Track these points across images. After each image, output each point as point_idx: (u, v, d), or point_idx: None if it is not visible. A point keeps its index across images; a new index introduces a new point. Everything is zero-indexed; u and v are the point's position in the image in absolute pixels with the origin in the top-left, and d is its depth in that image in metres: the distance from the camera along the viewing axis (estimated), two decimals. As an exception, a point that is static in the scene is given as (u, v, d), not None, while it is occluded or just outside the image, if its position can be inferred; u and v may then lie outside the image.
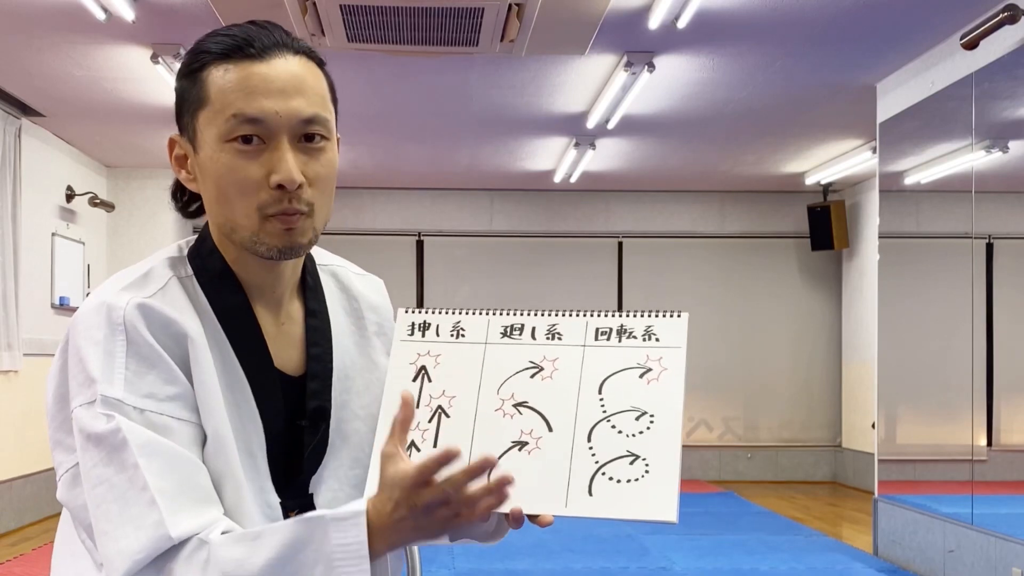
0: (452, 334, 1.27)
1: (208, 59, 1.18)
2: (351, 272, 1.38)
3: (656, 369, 1.20)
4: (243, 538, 1.08)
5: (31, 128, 6.59)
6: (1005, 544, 4.44)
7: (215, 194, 1.18)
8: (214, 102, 1.16)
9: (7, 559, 5.39)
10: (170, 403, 1.14)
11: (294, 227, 1.17)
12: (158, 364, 1.15)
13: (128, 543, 1.09)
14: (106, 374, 1.13)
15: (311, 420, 1.23)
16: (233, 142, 1.15)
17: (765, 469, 9.14)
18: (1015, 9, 4.21)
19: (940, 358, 5.37)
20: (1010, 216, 4.96)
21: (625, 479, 1.15)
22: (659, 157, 7.61)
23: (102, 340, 1.15)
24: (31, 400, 6.49)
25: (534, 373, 1.23)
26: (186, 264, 1.24)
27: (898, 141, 5.60)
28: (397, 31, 4.48)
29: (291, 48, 1.19)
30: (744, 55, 5.18)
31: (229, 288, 1.22)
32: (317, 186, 1.18)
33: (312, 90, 1.18)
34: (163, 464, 1.11)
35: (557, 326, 1.26)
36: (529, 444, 1.19)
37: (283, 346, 1.25)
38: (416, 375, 1.24)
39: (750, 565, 5.34)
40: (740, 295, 9.13)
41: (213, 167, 1.17)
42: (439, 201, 8.99)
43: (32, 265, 6.65)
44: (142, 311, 1.16)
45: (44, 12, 4.58)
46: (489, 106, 6.18)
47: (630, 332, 1.23)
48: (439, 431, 1.21)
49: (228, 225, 1.19)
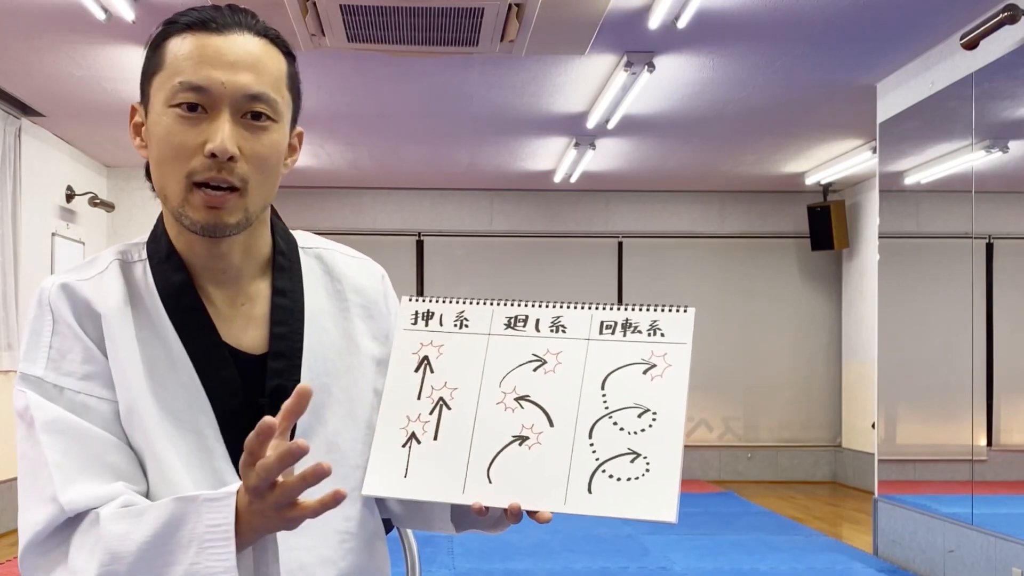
0: (456, 324, 1.25)
1: (172, 30, 1.19)
2: (339, 254, 1.35)
3: (660, 365, 1.18)
4: (128, 514, 1.09)
5: (31, 128, 6.59)
6: (1005, 544, 4.44)
7: (156, 158, 1.18)
8: (167, 68, 1.17)
9: (7, 559, 5.39)
10: (88, 381, 1.16)
11: (220, 206, 1.16)
12: (77, 343, 1.17)
13: (30, 515, 1.12)
14: (30, 353, 1.18)
15: (271, 399, 1.19)
16: (177, 107, 1.15)
17: (765, 469, 9.14)
18: (1015, 9, 4.21)
19: (940, 358, 5.37)
20: (1010, 216, 4.96)
21: (625, 477, 1.13)
22: (659, 157, 7.61)
23: (31, 320, 1.20)
24: (31, 400, 6.49)
25: (537, 366, 1.21)
26: (141, 249, 1.26)
27: (898, 141, 5.60)
28: (397, 31, 4.48)
29: (253, 30, 1.20)
30: (744, 55, 5.18)
31: (173, 268, 1.22)
32: (254, 164, 1.17)
33: (265, 70, 1.18)
34: (67, 441, 1.13)
35: (561, 318, 1.24)
36: (530, 439, 1.17)
37: (241, 326, 1.23)
38: (418, 365, 1.23)
39: (750, 565, 5.34)
40: (740, 295, 9.13)
41: (156, 130, 1.17)
42: (439, 201, 8.99)
43: (32, 265, 6.65)
44: (64, 291, 1.19)
45: (44, 12, 4.58)
46: (489, 106, 6.18)
47: (635, 326, 1.21)
48: (440, 423, 1.20)
49: (162, 192, 1.19)
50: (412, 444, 1.19)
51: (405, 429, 1.21)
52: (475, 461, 1.18)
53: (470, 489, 1.16)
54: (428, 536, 5.56)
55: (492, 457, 1.18)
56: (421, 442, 1.19)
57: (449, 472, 1.18)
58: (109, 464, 1.14)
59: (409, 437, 1.20)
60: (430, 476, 1.18)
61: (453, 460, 1.18)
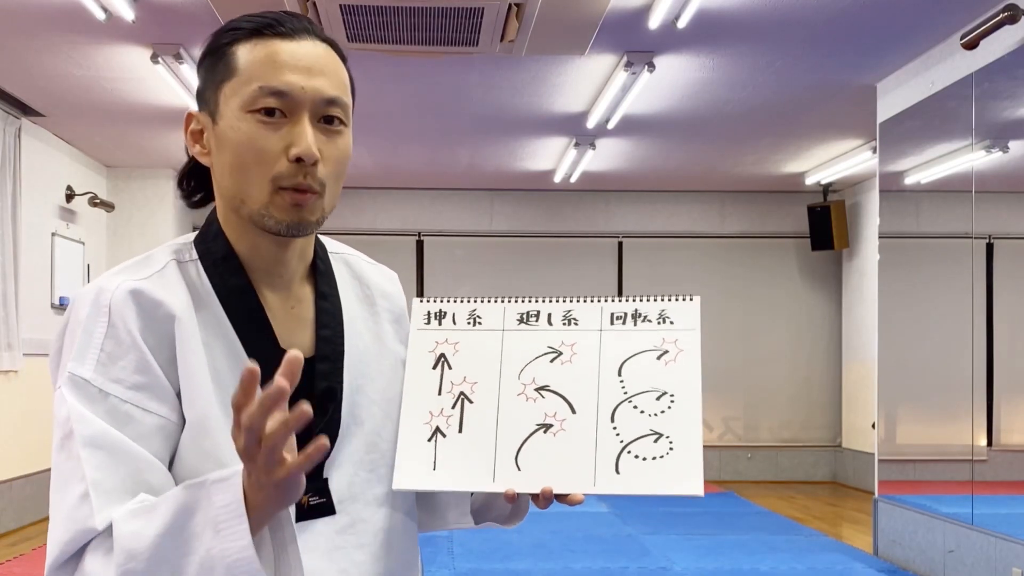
0: (469, 322, 1.29)
1: (238, 35, 1.20)
2: (363, 261, 1.39)
3: (673, 351, 1.24)
4: (140, 511, 1.08)
5: (31, 128, 6.59)
6: (1005, 544, 4.44)
7: (231, 164, 1.18)
8: (241, 73, 1.17)
9: (7, 559, 5.39)
10: (137, 392, 1.14)
11: (304, 204, 1.17)
12: (132, 351, 1.15)
13: (59, 533, 1.09)
14: (80, 353, 1.15)
15: (320, 401, 1.21)
16: (256, 113, 1.16)
17: (765, 469, 9.14)
18: (1015, 9, 4.21)
19: (940, 358, 5.37)
20: (1010, 216, 4.96)
21: (651, 456, 1.18)
22: (659, 157, 7.61)
23: (84, 320, 1.16)
24: (31, 400, 6.49)
25: (553, 358, 1.25)
26: (191, 249, 1.25)
27: (898, 141, 5.60)
28: (397, 31, 4.48)
29: (317, 36, 1.22)
30: (744, 55, 5.18)
31: (231, 270, 1.22)
32: (331, 167, 1.19)
33: (335, 74, 1.20)
34: (105, 458, 1.11)
35: (572, 312, 1.28)
36: (554, 426, 1.21)
37: (292, 328, 1.25)
38: (436, 363, 1.27)
39: (750, 565, 5.34)
40: (740, 295, 9.13)
41: (233, 136, 1.17)
42: (439, 201, 9.00)
43: (32, 265, 6.65)
44: (131, 295, 1.17)
45: (44, 12, 4.58)
46: (489, 106, 6.18)
47: (645, 316, 1.26)
48: (463, 416, 1.24)
49: (239, 198, 1.19)
50: (438, 438, 1.23)
51: (429, 424, 1.24)
52: (502, 450, 1.21)
53: (500, 477, 1.20)
54: (428, 536, 5.56)
55: (519, 445, 1.21)
56: (447, 435, 1.23)
57: (478, 462, 1.21)
58: (145, 483, 1.13)
59: (434, 431, 1.23)
60: (459, 467, 1.21)
61: (480, 450, 1.21)
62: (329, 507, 1.21)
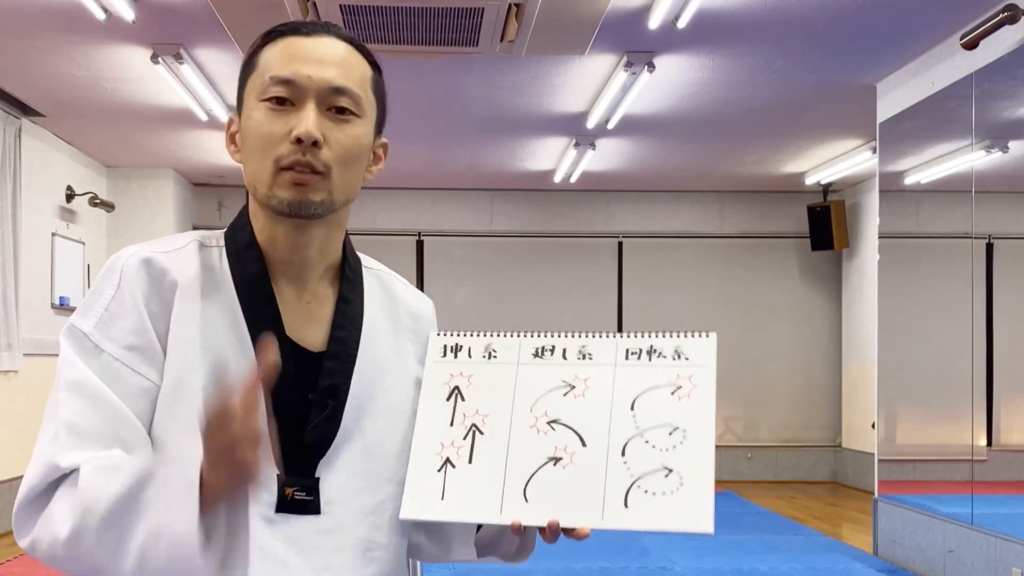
0: (484, 355, 1.30)
1: (266, 40, 1.26)
2: (398, 281, 1.41)
3: (687, 387, 1.23)
4: (105, 469, 1.11)
5: (31, 128, 6.59)
6: (1005, 544, 4.44)
7: (247, 152, 1.24)
8: (259, 68, 1.24)
9: (7, 559, 5.39)
10: (130, 352, 1.19)
11: (306, 183, 1.20)
12: (132, 314, 1.20)
13: (30, 469, 1.17)
14: (85, 308, 1.21)
15: (321, 396, 1.23)
16: (266, 101, 1.21)
17: (765, 469, 9.14)
18: (1015, 9, 4.21)
19: (940, 358, 5.37)
20: (1010, 216, 4.97)
21: (660, 492, 1.17)
22: (659, 157, 7.61)
23: (97, 280, 1.23)
24: (31, 400, 6.49)
25: (566, 392, 1.26)
26: (220, 238, 1.29)
27: (898, 141, 5.60)
28: (397, 31, 4.48)
29: (341, 37, 1.26)
30: (744, 55, 5.18)
31: (251, 258, 1.26)
32: (337, 153, 1.22)
33: (350, 68, 1.24)
34: (84, 403, 1.16)
35: (587, 346, 1.29)
36: (563, 459, 1.21)
37: (304, 321, 1.27)
38: (449, 395, 1.28)
39: (750, 565, 5.34)
40: (740, 295, 9.13)
41: (247, 124, 1.23)
42: (439, 201, 8.99)
43: (32, 265, 6.65)
44: (144, 263, 1.22)
45: (44, 12, 4.58)
46: (489, 106, 6.18)
47: (659, 352, 1.26)
48: (474, 448, 1.24)
49: (253, 183, 1.23)
50: (447, 468, 1.24)
51: (439, 455, 1.25)
52: (511, 482, 1.21)
53: (507, 509, 1.20)
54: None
55: (528, 477, 1.21)
56: (456, 466, 1.23)
57: (486, 493, 1.21)
58: (119, 438, 1.17)
59: (444, 462, 1.24)
60: (467, 498, 1.21)
61: (489, 482, 1.22)
62: (315, 506, 1.22)
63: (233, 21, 4.40)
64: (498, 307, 8.93)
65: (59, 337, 1.21)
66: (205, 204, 8.82)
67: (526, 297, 8.98)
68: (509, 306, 8.96)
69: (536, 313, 8.97)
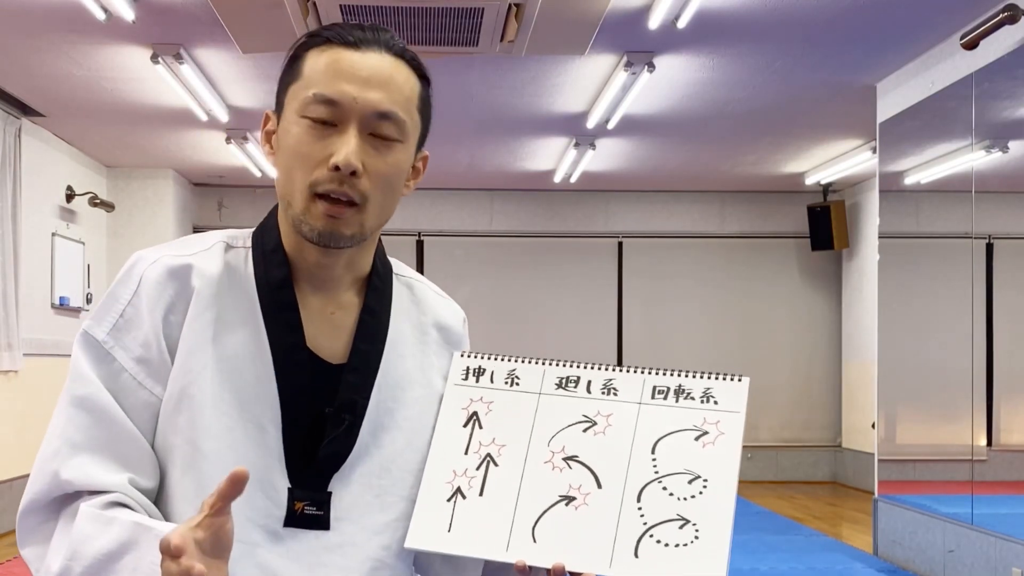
0: (507, 381, 1.26)
1: (315, 42, 1.21)
2: (429, 289, 1.37)
3: (713, 433, 1.18)
4: (101, 518, 1.10)
5: (31, 128, 6.59)
6: (1005, 544, 4.44)
7: (283, 165, 1.20)
8: (303, 78, 1.19)
9: (7, 559, 5.39)
10: (139, 364, 1.17)
11: (339, 216, 1.17)
12: (147, 325, 1.17)
13: (33, 480, 1.15)
14: (101, 313, 1.19)
15: (338, 410, 1.20)
16: (307, 119, 1.17)
17: (765, 469, 9.14)
18: (1015, 9, 4.21)
19: (940, 358, 5.37)
20: (1010, 216, 4.96)
21: (674, 543, 1.13)
22: (659, 157, 7.61)
23: (115, 283, 1.20)
24: (31, 400, 6.49)
25: (587, 427, 1.21)
26: (247, 239, 1.26)
27: (898, 141, 5.60)
28: (397, 31, 4.44)
29: (392, 49, 1.21)
30: (744, 55, 5.18)
31: (276, 262, 1.23)
32: (376, 182, 1.18)
33: (397, 89, 1.19)
34: (88, 419, 1.14)
35: (614, 381, 1.24)
36: (577, 499, 1.18)
37: (326, 332, 1.24)
38: (467, 420, 1.24)
39: (750, 565, 5.34)
40: (740, 295, 9.13)
41: (286, 139, 1.19)
42: (439, 201, 8.99)
43: (32, 265, 6.65)
44: (166, 272, 1.19)
45: (44, 12, 4.58)
46: (489, 106, 6.18)
47: (688, 393, 1.21)
48: (486, 479, 1.21)
49: (286, 199, 1.20)
50: (457, 499, 1.20)
51: (451, 483, 1.21)
52: (520, 519, 1.18)
53: (514, 547, 1.16)
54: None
55: (538, 516, 1.18)
56: (467, 497, 1.20)
57: (494, 529, 1.18)
58: (121, 454, 1.15)
59: (455, 492, 1.21)
60: (474, 532, 1.18)
61: (498, 517, 1.18)
62: (324, 521, 1.19)
63: (233, 21, 4.40)
64: (498, 307, 8.93)
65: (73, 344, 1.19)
66: (205, 204, 8.81)
67: (526, 297, 8.98)
68: (509, 306, 8.96)
69: (536, 313, 8.97)
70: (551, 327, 8.96)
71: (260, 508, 1.16)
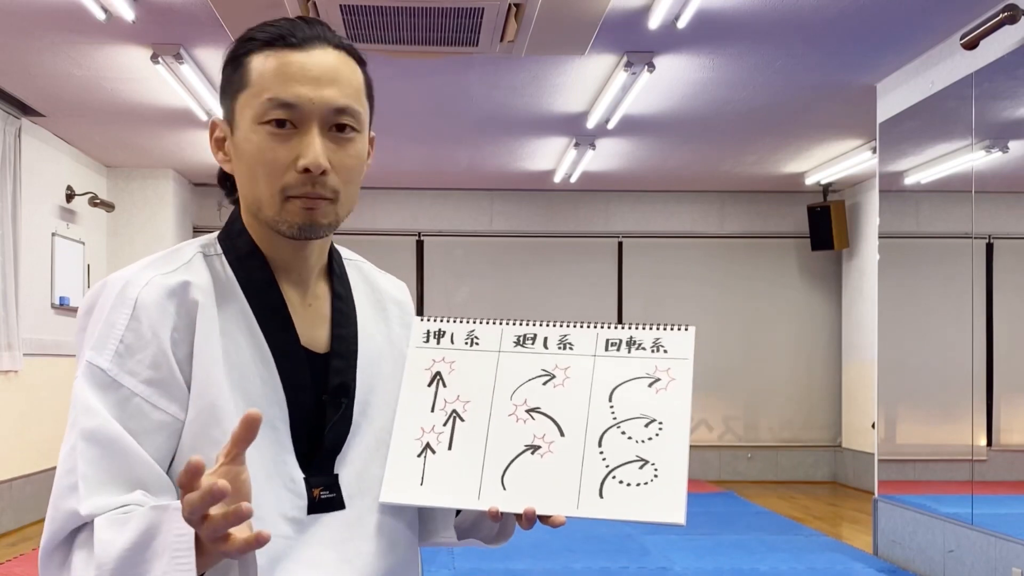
0: (466, 342, 1.31)
1: (253, 46, 1.23)
2: (374, 270, 1.44)
3: (664, 379, 1.25)
4: (116, 521, 1.10)
5: (31, 128, 6.59)
6: (1005, 544, 4.44)
7: (246, 174, 1.22)
8: (253, 85, 1.21)
9: (7, 559, 5.39)
10: (149, 387, 1.17)
11: (315, 208, 1.20)
12: (151, 346, 1.17)
13: (50, 520, 1.14)
14: (100, 342, 1.17)
15: (332, 396, 1.25)
16: (266, 124, 1.19)
17: (765, 469, 9.14)
18: (1015, 9, 4.21)
19: (940, 358, 5.37)
20: (1010, 216, 4.96)
21: (635, 483, 1.19)
22: (659, 157, 7.61)
23: (107, 310, 1.19)
24: (31, 400, 6.49)
25: (546, 380, 1.27)
26: (216, 245, 1.28)
27: (898, 141, 5.60)
28: (397, 31, 4.48)
29: (331, 42, 1.23)
30: (744, 55, 5.18)
31: (256, 265, 1.26)
32: (342, 175, 1.21)
33: (347, 82, 1.22)
34: (99, 452, 1.13)
35: (568, 336, 1.30)
36: (541, 448, 1.23)
37: (309, 324, 1.28)
38: (431, 380, 1.29)
39: (750, 565, 5.34)
40: (740, 295, 9.13)
41: (246, 147, 1.21)
42: (439, 201, 8.99)
43: (32, 265, 6.65)
44: (160, 291, 1.19)
45: (44, 12, 4.58)
46: (489, 106, 6.18)
47: (639, 344, 1.27)
48: (454, 434, 1.26)
49: (255, 204, 1.23)
50: (427, 454, 1.25)
51: (420, 440, 1.26)
52: (489, 469, 1.23)
53: (485, 495, 1.22)
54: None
55: (506, 465, 1.23)
56: (436, 452, 1.25)
57: (464, 479, 1.23)
58: (137, 480, 1.15)
59: (424, 447, 1.26)
60: (445, 483, 1.23)
61: (468, 468, 1.23)
62: (339, 502, 1.25)
63: (233, 21, 4.40)
64: (498, 307, 8.92)
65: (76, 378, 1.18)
66: (205, 204, 8.82)
67: (526, 297, 8.98)
68: (509, 306, 8.96)
69: (536, 313, 8.95)
70: (551, 327, 8.94)
71: (286, 502, 1.21)
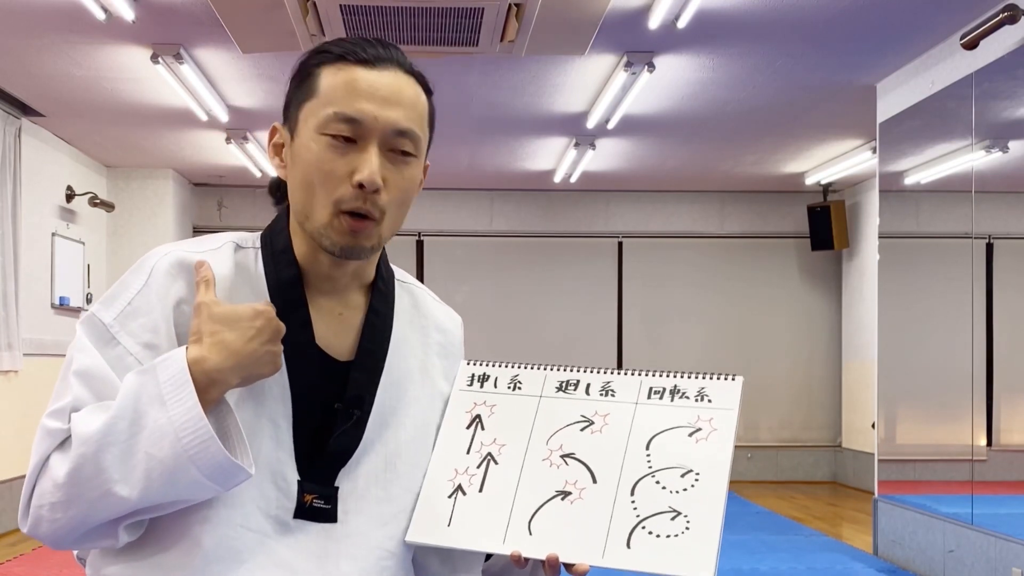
0: (509, 386, 1.31)
1: (325, 59, 1.24)
2: (428, 295, 1.43)
3: (706, 429, 1.22)
4: (96, 407, 1.13)
5: (31, 128, 6.59)
6: (1005, 544, 4.44)
7: (300, 181, 1.23)
8: (320, 96, 1.22)
9: (7, 559, 5.39)
10: (144, 349, 1.18)
11: (360, 231, 1.21)
12: (155, 313, 1.20)
13: (36, 444, 1.16)
14: (109, 299, 1.21)
15: (346, 405, 1.25)
16: (328, 136, 1.20)
17: (765, 469, 9.14)
18: (1015, 9, 4.21)
19: (940, 358, 5.37)
20: (1010, 216, 4.96)
21: (665, 534, 1.16)
22: (659, 157, 7.61)
23: (127, 273, 1.24)
24: (31, 400, 6.49)
25: (584, 427, 1.26)
26: (256, 240, 1.30)
27: (898, 141, 5.60)
28: (397, 31, 4.48)
29: (402, 66, 1.25)
30: (744, 55, 5.18)
31: (286, 263, 1.26)
32: (394, 196, 1.23)
33: (412, 106, 1.23)
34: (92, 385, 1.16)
35: (612, 383, 1.28)
36: (572, 494, 1.21)
37: (335, 329, 1.28)
38: (470, 423, 1.29)
39: (750, 565, 5.34)
40: (740, 295, 9.13)
41: (305, 155, 1.22)
42: (439, 201, 8.99)
43: (32, 265, 6.65)
44: (177, 263, 1.22)
45: (44, 12, 4.58)
46: (489, 106, 6.18)
47: (683, 392, 1.25)
48: (486, 476, 1.25)
49: (304, 212, 1.23)
50: (458, 495, 1.25)
51: (452, 481, 1.26)
52: (517, 513, 1.21)
53: (510, 539, 1.20)
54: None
55: (535, 510, 1.21)
56: (467, 493, 1.24)
57: (491, 523, 1.22)
58: None
59: (456, 489, 1.25)
60: (473, 526, 1.22)
61: (496, 511, 1.22)
62: (332, 514, 1.23)
63: (233, 21, 4.40)
64: (498, 307, 8.93)
65: (77, 324, 1.21)
66: (205, 204, 8.81)
67: (526, 297, 8.97)
68: (509, 306, 8.96)
69: (536, 313, 8.97)
70: (551, 327, 8.96)
71: (271, 499, 1.20)
